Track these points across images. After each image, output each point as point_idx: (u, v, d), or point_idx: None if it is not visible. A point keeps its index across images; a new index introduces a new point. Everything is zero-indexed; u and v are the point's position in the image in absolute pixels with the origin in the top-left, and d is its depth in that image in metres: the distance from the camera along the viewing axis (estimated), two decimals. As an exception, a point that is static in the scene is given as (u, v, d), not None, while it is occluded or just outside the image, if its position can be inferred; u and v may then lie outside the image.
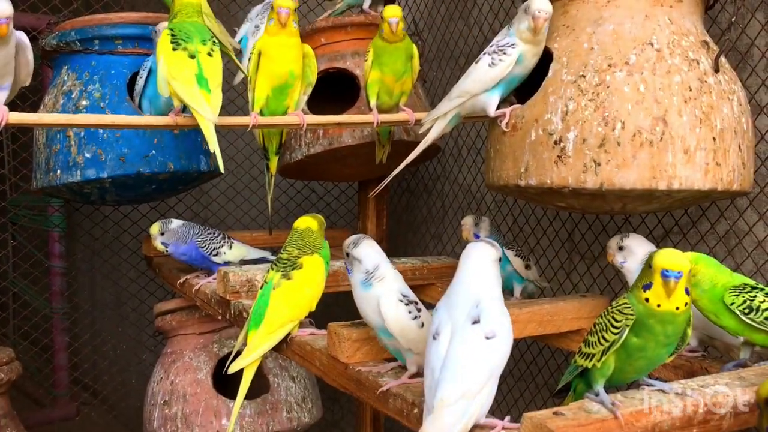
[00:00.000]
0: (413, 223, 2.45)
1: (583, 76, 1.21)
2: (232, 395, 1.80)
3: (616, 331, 0.92)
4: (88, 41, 1.68)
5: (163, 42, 1.34)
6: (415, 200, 2.45)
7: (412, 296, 1.15)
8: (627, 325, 0.92)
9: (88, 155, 1.63)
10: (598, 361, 0.94)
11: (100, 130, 1.62)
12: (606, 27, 1.23)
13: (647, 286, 0.92)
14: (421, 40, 2.29)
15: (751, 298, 1.08)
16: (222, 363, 1.91)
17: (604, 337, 0.94)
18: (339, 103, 1.97)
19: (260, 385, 1.90)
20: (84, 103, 1.64)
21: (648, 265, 0.93)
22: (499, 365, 0.90)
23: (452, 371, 0.87)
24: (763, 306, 1.08)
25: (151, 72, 1.59)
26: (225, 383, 1.85)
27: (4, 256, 3.74)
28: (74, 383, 3.48)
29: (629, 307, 0.93)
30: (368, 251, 1.15)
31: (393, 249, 2.41)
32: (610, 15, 1.24)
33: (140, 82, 1.60)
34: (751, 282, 1.12)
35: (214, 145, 1.29)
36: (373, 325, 1.14)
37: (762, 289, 1.10)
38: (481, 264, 0.97)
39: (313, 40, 1.94)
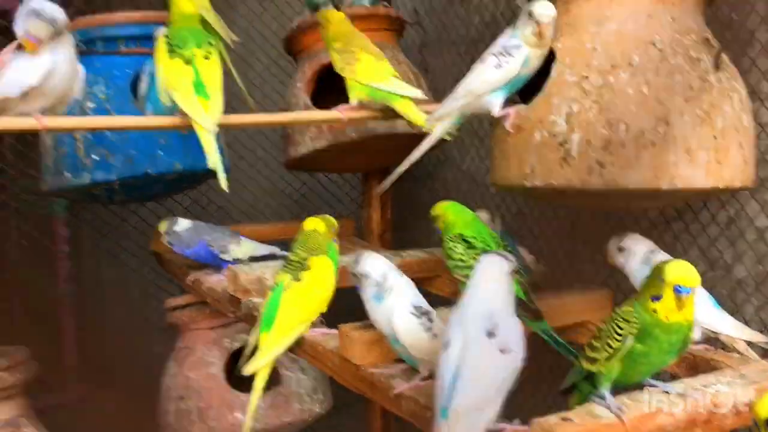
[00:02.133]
0: (417, 209, 2.47)
1: (587, 78, 1.22)
2: (245, 388, 1.84)
3: (620, 338, 0.95)
4: (91, 42, 1.69)
5: (160, 49, 1.35)
6: (418, 187, 2.46)
7: (425, 305, 1.17)
8: (631, 334, 0.94)
9: (96, 157, 1.64)
10: (603, 366, 0.97)
11: (108, 132, 1.63)
12: (609, 26, 1.24)
13: (656, 298, 0.94)
14: (422, 29, 2.29)
15: (453, 247, 1.33)
16: (234, 357, 1.94)
17: (609, 344, 0.97)
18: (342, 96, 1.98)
19: (271, 378, 1.93)
20: (90, 105, 1.65)
21: (657, 276, 0.94)
22: (512, 378, 0.92)
23: (465, 383, 0.89)
24: (454, 255, 1.33)
25: (153, 75, 1.59)
26: (237, 375, 1.89)
27: (6, 237, 3.77)
28: (83, 365, 3.52)
29: (634, 316, 0.95)
30: (373, 263, 1.17)
31: (398, 237, 2.44)
32: (612, 14, 1.24)
33: (143, 86, 1.61)
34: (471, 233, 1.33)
35: (213, 157, 1.29)
36: (385, 335, 1.16)
37: (470, 242, 1.32)
38: (494, 277, 0.99)
39: (315, 33, 1.94)
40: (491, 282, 0.99)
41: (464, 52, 2.20)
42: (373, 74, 1.50)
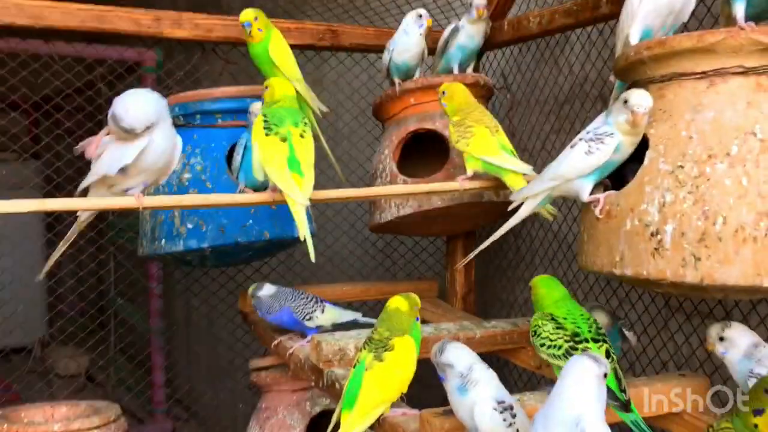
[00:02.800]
0: (502, 269, 2.44)
1: (682, 167, 1.18)
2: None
3: (717, 455, 0.90)
4: (190, 116, 1.77)
5: (257, 128, 1.40)
6: (504, 247, 2.43)
7: (508, 400, 1.15)
8: (729, 452, 0.89)
9: (190, 226, 1.71)
10: None
11: (203, 202, 1.69)
12: (705, 114, 1.20)
13: (759, 412, 0.88)
14: (510, 93, 2.29)
15: (542, 325, 1.32)
16: (314, 421, 1.96)
17: (706, 464, 0.92)
18: (429, 164, 1.99)
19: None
20: (187, 176, 1.73)
21: (762, 389, 0.89)
22: None
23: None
24: (542, 333, 1.30)
25: (247, 148, 1.65)
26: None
27: (105, 274, 3.96)
28: (170, 399, 3.63)
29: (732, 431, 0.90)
30: (457, 353, 1.16)
31: (482, 299, 2.41)
32: (709, 102, 1.20)
33: (237, 159, 1.67)
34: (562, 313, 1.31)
35: (303, 230, 1.33)
36: (467, 426, 1.15)
37: (559, 322, 1.30)
38: (582, 380, 0.96)
39: (402, 101, 1.97)
40: (580, 385, 0.96)
41: (552, 114, 2.18)
42: (486, 148, 1.57)
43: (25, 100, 2.94)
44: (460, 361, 1.16)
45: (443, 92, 1.68)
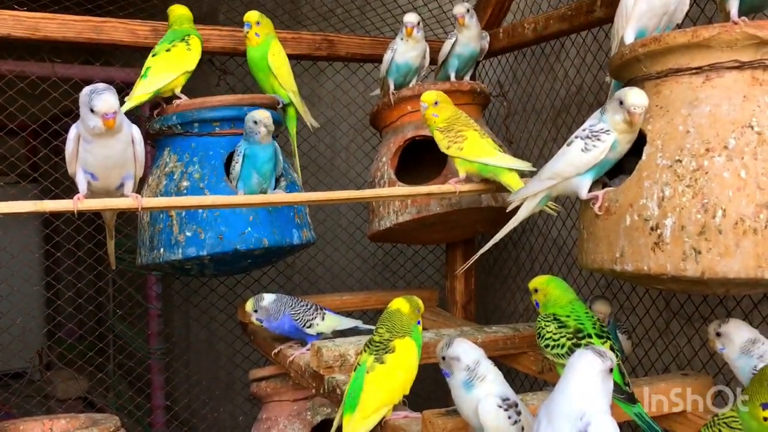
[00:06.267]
0: (501, 278, 2.44)
1: (680, 161, 1.18)
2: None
3: (724, 447, 0.89)
4: (188, 124, 1.77)
5: None
6: (503, 255, 2.43)
7: (512, 397, 1.14)
8: (736, 441, 0.88)
9: (188, 234, 1.71)
10: None
11: (200, 211, 1.69)
12: (702, 109, 1.20)
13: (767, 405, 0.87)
14: (507, 100, 2.30)
15: (545, 326, 1.30)
16: (315, 430, 1.94)
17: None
18: (425, 171, 2.00)
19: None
20: (185, 183, 1.73)
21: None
22: None
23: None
24: (546, 334, 1.29)
25: (245, 156, 1.65)
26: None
27: (105, 299, 3.95)
28: (171, 421, 3.60)
29: (737, 421, 0.89)
30: (464, 347, 1.15)
31: (482, 307, 2.40)
32: (706, 96, 1.21)
33: (236, 167, 1.67)
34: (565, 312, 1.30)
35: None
36: (471, 424, 1.14)
37: (562, 321, 1.28)
38: (587, 375, 0.95)
39: (399, 108, 1.98)
40: (584, 380, 0.95)
41: (549, 122, 2.19)
42: (481, 151, 1.57)
43: (23, 127, 2.96)
44: (468, 354, 1.15)
45: (436, 102, 1.63)
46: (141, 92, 1.68)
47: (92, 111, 1.25)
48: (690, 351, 1.71)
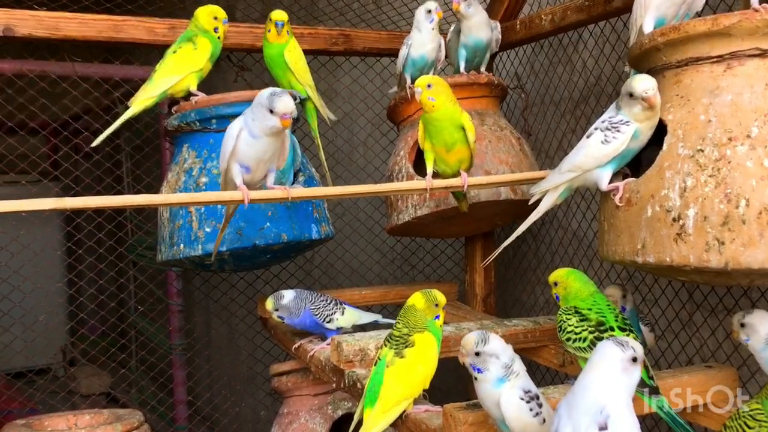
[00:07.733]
0: (521, 271, 2.42)
1: (702, 151, 1.17)
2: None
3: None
4: (206, 121, 1.78)
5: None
6: (522, 248, 2.42)
7: (534, 390, 1.13)
8: (763, 435, 0.87)
9: (208, 230, 1.72)
10: None
11: (219, 206, 1.70)
12: (723, 98, 1.18)
13: None
14: (525, 92, 2.28)
15: (566, 320, 1.29)
16: (336, 424, 1.95)
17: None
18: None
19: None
20: (204, 180, 1.74)
21: None
22: None
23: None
24: (567, 328, 1.28)
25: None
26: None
27: (127, 295, 3.99)
28: (193, 416, 3.64)
29: (762, 414, 0.88)
30: (502, 344, 1.15)
31: (501, 301, 2.39)
32: (727, 85, 1.19)
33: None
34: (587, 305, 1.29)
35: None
36: (493, 417, 1.13)
37: (584, 314, 1.27)
38: (609, 367, 0.94)
39: (416, 102, 1.97)
40: (604, 373, 0.95)
41: (567, 113, 2.17)
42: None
43: (44, 126, 3.00)
44: (506, 351, 1.14)
45: (429, 85, 1.55)
46: (144, 97, 1.70)
47: (271, 111, 1.35)
48: (714, 343, 1.69)
